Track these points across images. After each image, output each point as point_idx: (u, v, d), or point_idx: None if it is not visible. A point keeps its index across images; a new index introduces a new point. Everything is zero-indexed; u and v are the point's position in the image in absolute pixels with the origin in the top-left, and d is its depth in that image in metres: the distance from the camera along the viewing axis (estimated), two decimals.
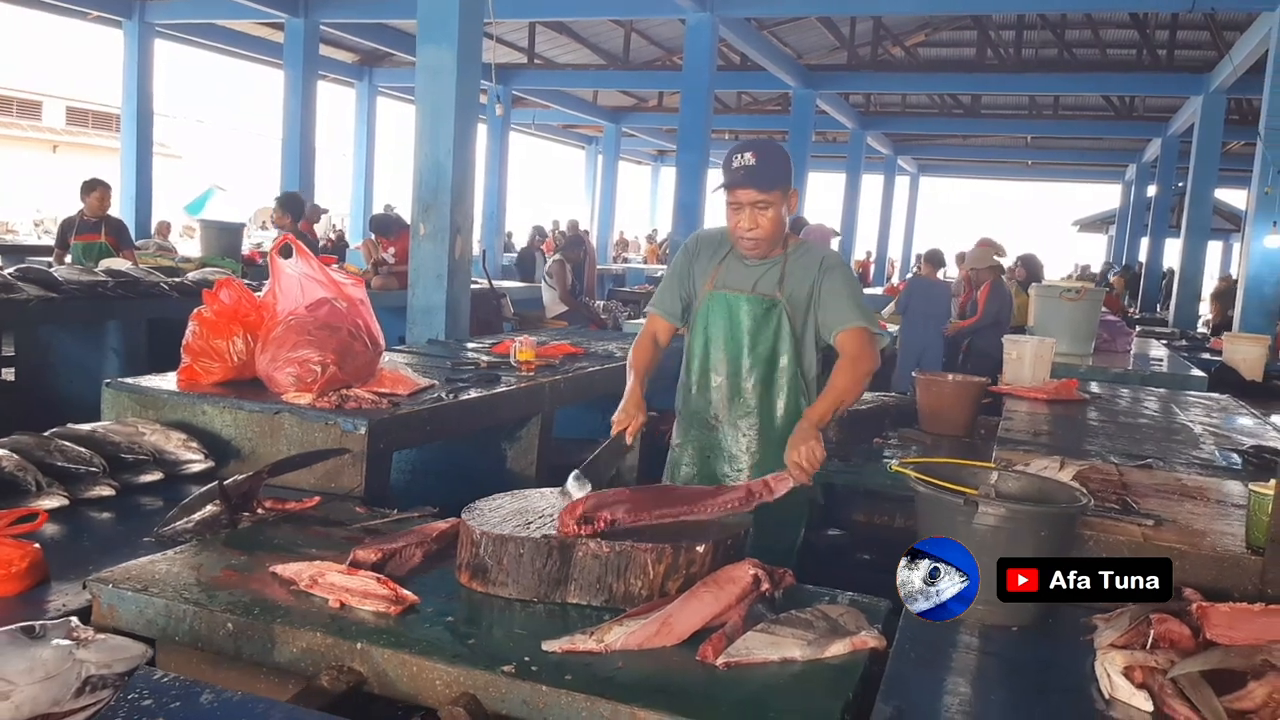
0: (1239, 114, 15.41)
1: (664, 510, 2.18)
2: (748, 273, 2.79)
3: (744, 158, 2.62)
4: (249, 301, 3.36)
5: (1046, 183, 29.79)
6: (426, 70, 6.75)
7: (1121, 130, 19.33)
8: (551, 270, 9.25)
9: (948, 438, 4.42)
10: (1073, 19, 15.45)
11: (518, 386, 3.66)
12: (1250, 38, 10.26)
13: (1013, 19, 15.60)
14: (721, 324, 2.79)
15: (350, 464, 2.86)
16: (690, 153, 10.59)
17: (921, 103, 20.15)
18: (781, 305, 2.74)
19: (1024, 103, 19.29)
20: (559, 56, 16.83)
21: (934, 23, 16.62)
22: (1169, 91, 15.03)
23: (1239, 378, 7.07)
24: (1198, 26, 14.38)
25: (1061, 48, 16.08)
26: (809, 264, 2.76)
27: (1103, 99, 18.35)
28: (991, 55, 16.08)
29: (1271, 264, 9.32)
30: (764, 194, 2.62)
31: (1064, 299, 6.34)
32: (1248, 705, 1.69)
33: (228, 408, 3.04)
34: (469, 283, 7.31)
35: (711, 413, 2.84)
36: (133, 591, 1.94)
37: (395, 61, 16.51)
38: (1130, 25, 15.23)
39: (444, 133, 6.70)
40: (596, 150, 23.51)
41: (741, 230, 2.69)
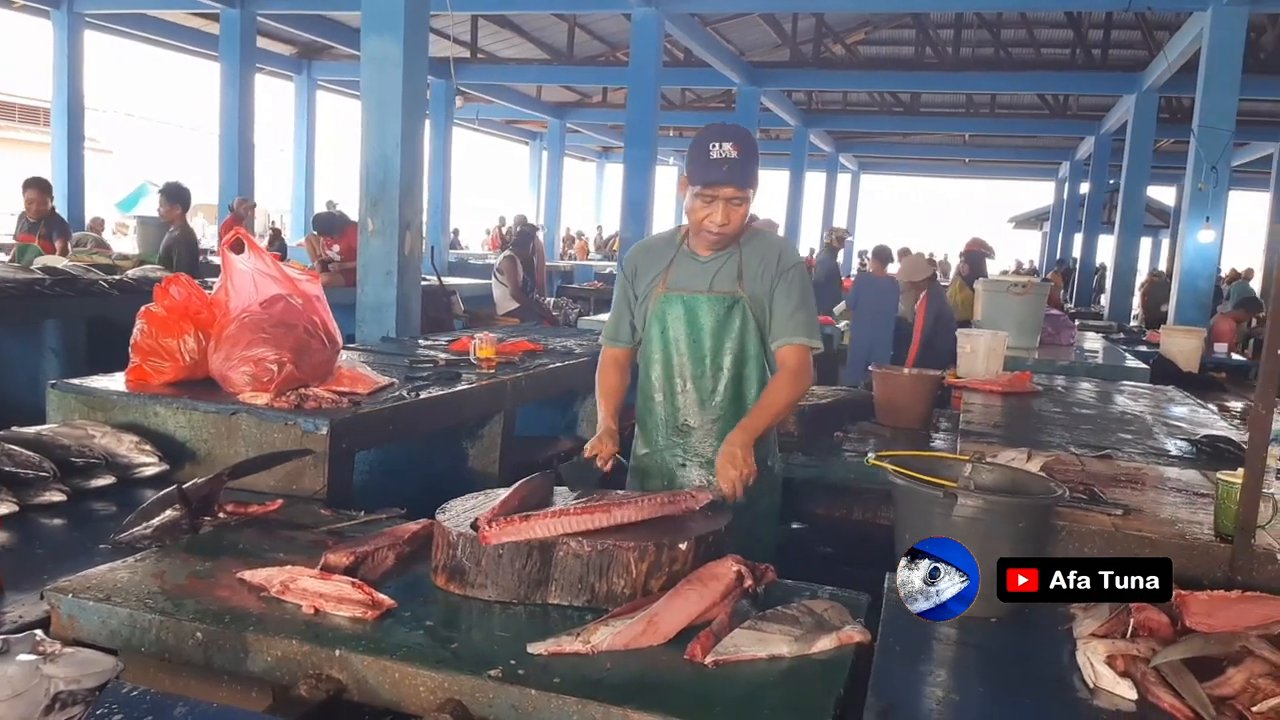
0: (1168, 112, 15.83)
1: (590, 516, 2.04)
2: (702, 269, 2.66)
3: (723, 149, 2.45)
4: (200, 299, 3.25)
5: (983, 180, 30.34)
6: (372, 62, 6.63)
7: (1056, 128, 19.77)
8: (502, 267, 9.15)
9: (905, 430, 4.46)
10: (1008, 18, 15.74)
11: (479, 384, 3.60)
12: (1183, 37, 10.54)
13: (951, 18, 15.85)
14: (682, 326, 2.66)
15: (312, 465, 2.78)
16: (638, 148, 10.56)
17: (862, 101, 20.38)
18: (744, 301, 2.62)
19: (961, 101, 19.62)
20: (502, 51, 16.69)
21: (874, 21, 16.81)
22: (1103, 90, 15.39)
23: (1176, 369, 7.27)
24: (1130, 26, 14.75)
25: (998, 47, 16.38)
26: (766, 257, 2.63)
27: (1038, 98, 18.74)
28: (931, 54, 16.32)
29: (1205, 259, 9.59)
30: (741, 190, 2.50)
31: (1011, 293, 6.45)
32: (1227, 691, 1.72)
33: (181, 408, 2.94)
34: (419, 279, 7.21)
35: (681, 420, 2.70)
36: (94, 601, 1.86)
37: (335, 54, 16.21)
38: (1065, 25, 15.57)
39: (391, 127, 6.59)
40: (541, 146, 23.36)
41: (712, 224, 2.53)
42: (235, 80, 11.89)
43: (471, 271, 14.29)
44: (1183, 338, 7.82)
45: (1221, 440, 3.30)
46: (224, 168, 12.28)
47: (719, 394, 2.68)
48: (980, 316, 6.83)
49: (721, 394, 2.68)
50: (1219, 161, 9.18)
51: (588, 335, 5.59)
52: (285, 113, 17.47)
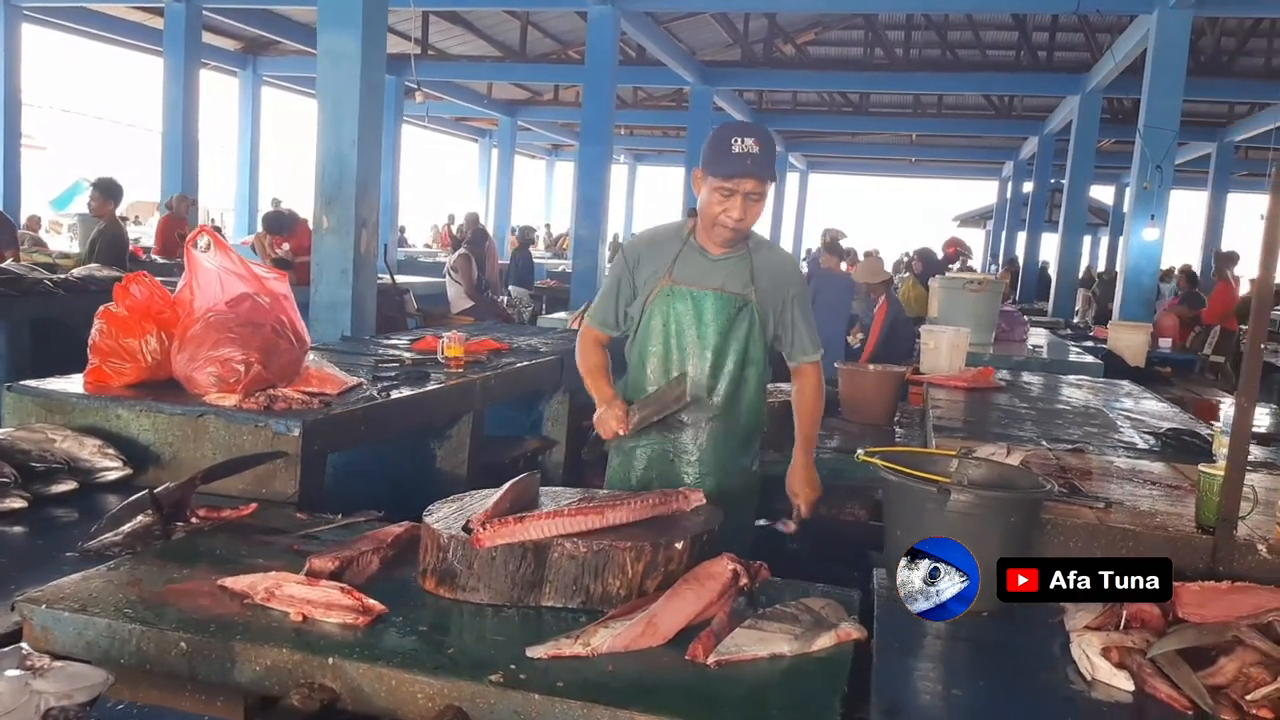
0: (1108, 112, 16.19)
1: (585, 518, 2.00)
2: (712, 267, 2.64)
3: (745, 143, 2.46)
4: (162, 297, 3.15)
5: (929, 179, 30.77)
6: (328, 57, 6.52)
7: (1000, 129, 20.11)
8: (456, 265, 9.07)
9: (870, 426, 4.50)
10: (955, 20, 15.98)
11: (449, 384, 3.54)
12: (1128, 38, 10.77)
13: (901, 19, 16.04)
14: (688, 321, 2.63)
15: (284, 468, 2.70)
16: (593, 146, 10.53)
17: (811, 100, 20.55)
18: (754, 306, 2.64)
19: (909, 101, 19.87)
20: (453, 48, 16.53)
21: (824, 21, 16.96)
22: (1048, 91, 15.68)
23: (1124, 364, 7.43)
24: (1073, 29, 15.07)
25: (945, 48, 16.63)
26: (778, 272, 2.69)
27: (984, 98, 19.05)
28: (881, 55, 16.50)
29: (1149, 256, 9.81)
30: (762, 184, 2.51)
31: (967, 290, 6.53)
32: (1220, 680, 1.74)
33: (145, 411, 2.84)
34: (375, 278, 7.10)
35: (677, 415, 2.66)
36: (70, 612, 1.78)
37: (281, 50, 15.92)
38: (1011, 27, 15.86)
39: (348, 123, 6.48)
40: (490, 144, 23.19)
41: (730, 219, 2.52)
42: (179, 75, 11.63)
43: (421, 270, 14.12)
44: (1129, 333, 7.99)
45: (1186, 433, 3.36)
46: (166, 165, 12.00)
47: (718, 394, 2.66)
48: (937, 313, 6.91)
49: (721, 394, 2.66)
50: (1164, 161, 9.40)
51: (551, 334, 5.54)
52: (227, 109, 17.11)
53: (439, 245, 20.72)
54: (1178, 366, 8.66)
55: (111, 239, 7.24)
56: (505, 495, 2.06)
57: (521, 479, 2.18)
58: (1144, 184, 9.50)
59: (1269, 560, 2.13)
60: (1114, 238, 23.30)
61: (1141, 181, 9.53)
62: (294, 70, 16.69)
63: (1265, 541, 2.15)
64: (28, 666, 1.33)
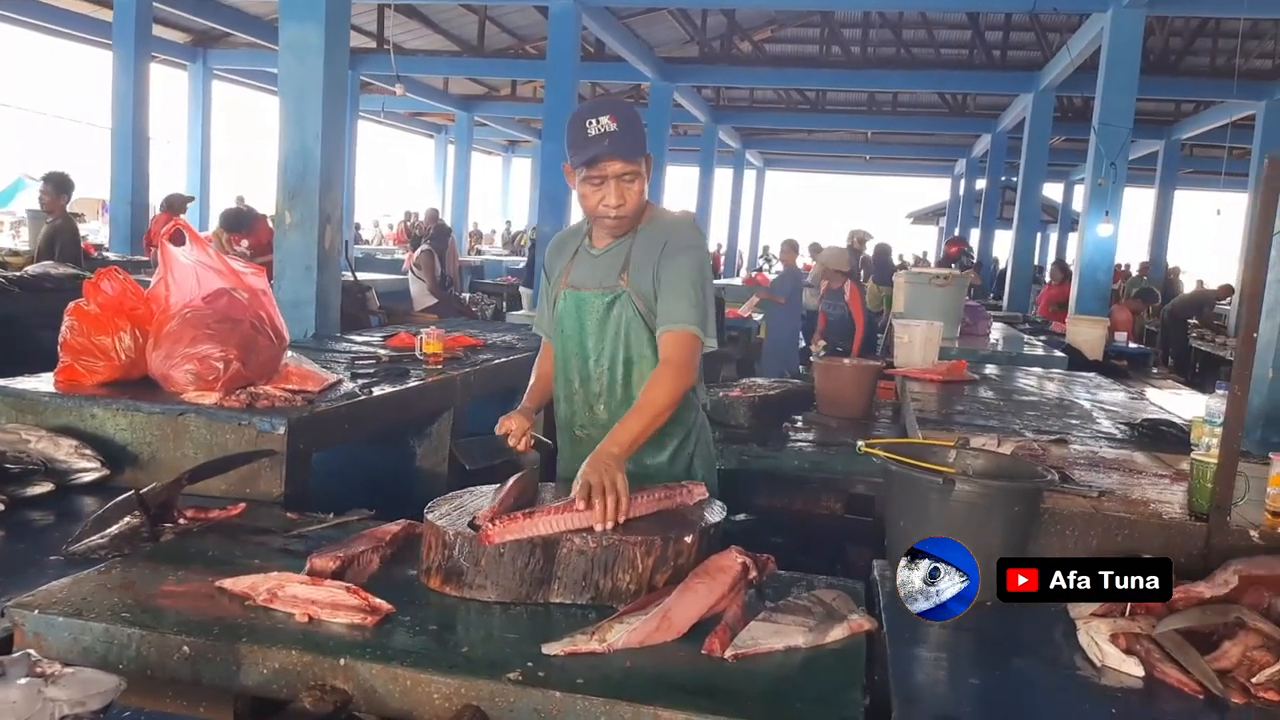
0: (1059, 110, 16.48)
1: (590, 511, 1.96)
2: (594, 264, 2.44)
3: (600, 123, 2.23)
4: (135, 294, 3.07)
5: (883, 176, 31.08)
6: (290, 49, 6.39)
7: (954, 126, 20.36)
8: (419, 261, 8.96)
9: (849, 420, 4.52)
10: (910, 19, 16.15)
11: (430, 380, 3.49)
12: (1082, 37, 10.94)
13: (857, 18, 16.17)
14: (572, 325, 2.45)
15: (268, 467, 2.65)
16: (555, 142, 10.44)
17: (769, 98, 20.65)
18: (625, 294, 2.36)
19: (864, 99, 20.04)
20: (409, 42, 16.34)
21: (781, 19, 17.05)
22: (1002, 89, 15.90)
23: (1083, 357, 7.56)
24: (1025, 28, 15.30)
25: (900, 46, 16.80)
26: (655, 242, 2.36)
27: (938, 97, 19.28)
28: (838, 52, 16.63)
29: (1104, 251, 9.98)
30: (631, 163, 2.26)
31: (933, 285, 6.60)
32: (1225, 664, 1.77)
33: (122, 410, 2.76)
34: (339, 275, 7.00)
35: (577, 425, 2.49)
36: (64, 617, 1.72)
37: (232, 42, 15.61)
38: (965, 26, 16.07)
39: (311, 117, 6.36)
40: (446, 139, 22.98)
41: (608, 208, 2.30)
42: (129, 69, 11.33)
43: (379, 267, 13.97)
44: (1088, 327, 8.13)
45: (1163, 423, 3.42)
46: (116, 161, 11.68)
47: (604, 397, 2.44)
48: (903, 308, 6.97)
49: (608, 398, 2.44)
50: (1118, 158, 9.57)
51: (521, 330, 5.51)
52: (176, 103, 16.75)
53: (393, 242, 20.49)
54: (1133, 359, 8.83)
55: (69, 234, 7.05)
56: (509, 491, 2.03)
57: (522, 475, 2.15)
58: (1099, 181, 9.65)
59: (1261, 546, 2.17)
60: (1063, 234, 23.75)
61: (1096, 178, 9.69)
62: (246, 64, 16.40)
63: (1257, 528, 2.19)
64: (38, 673, 1.28)
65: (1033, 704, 1.66)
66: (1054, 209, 24.37)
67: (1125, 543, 2.24)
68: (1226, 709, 1.64)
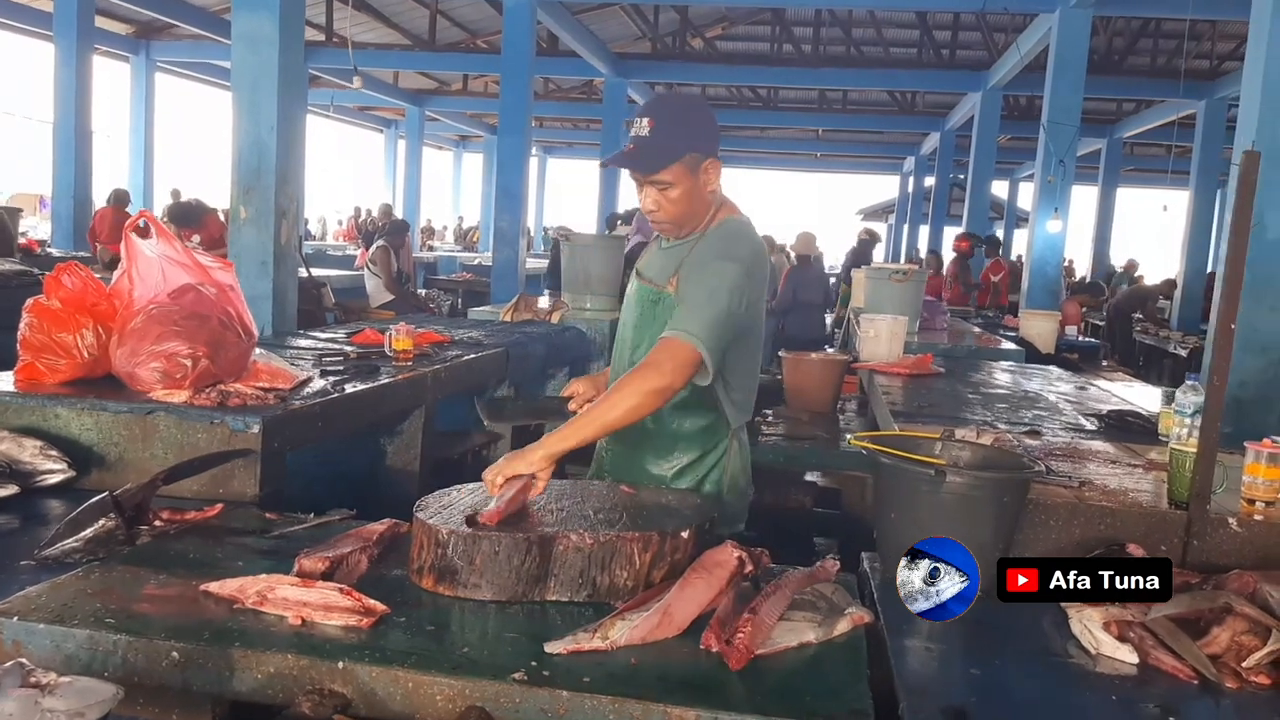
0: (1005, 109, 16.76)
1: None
2: (659, 258, 2.41)
3: (640, 124, 2.19)
4: (97, 289, 2.97)
5: (833, 174, 31.36)
6: (244, 40, 6.25)
7: (903, 124, 20.63)
8: (375, 257, 8.84)
9: (816, 414, 4.54)
10: (859, 17, 16.31)
11: (402, 377, 3.44)
12: (1030, 36, 11.12)
13: (809, 15, 16.29)
14: (629, 313, 2.45)
15: (242, 467, 2.58)
16: (512, 136, 10.38)
17: (721, 95, 20.72)
18: (669, 300, 2.29)
19: (815, 97, 20.20)
20: (359, 35, 16.09)
21: (732, 16, 17.11)
22: (951, 88, 16.12)
23: (1036, 350, 7.69)
24: (974, 28, 15.54)
25: (849, 45, 16.96)
26: (709, 251, 2.26)
27: (887, 95, 19.51)
28: (789, 50, 16.73)
29: (1053, 247, 10.18)
30: (649, 175, 2.20)
31: (893, 280, 6.66)
32: (1215, 650, 1.80)
33: (87, 409, 2.67)
34: (296, 270, 6.88)
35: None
36: (45, 624, 1.66)
37: (177, 34, 15.27)
38: (913, 25, 16.26)
39: (266, 108, 6.23)
40: (396, 134, 22.70)
41: (644, 208, 2.29)
42: (71, 61, 11.03)
43: (330, 263, 13.76)
44: (1040, 321, 8.26)
45: (1129, 415, 3.48)
46: (58, 155, 11.39)
47: None
48: (863, 303, 7.03)
49: None
50: (1066, 155, 9.76)
51: (487, 326, 5.45)
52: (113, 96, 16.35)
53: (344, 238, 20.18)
54: (1084, 352, 9.00)
55: (2, 229, 6.85)
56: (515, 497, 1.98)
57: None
58: (1048, 178, 9.84)
59: (1239, 534, 2.21)
60: (1009, 231, 24.18)
61: (1046, 175, 9.87)
62: (189, 56, 16.04)
63: (1235, 516, 2.24)
64: (33, 684, 1.22)
65: (1036, 693, 1.67)
66: (1000, 206, 24.81)
67: (1108, 532, 2.27)
68: (1221, 694, 1.67)
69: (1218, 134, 13.83)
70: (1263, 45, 5.16)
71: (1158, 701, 1.63)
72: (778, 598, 1.79)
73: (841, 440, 4.19)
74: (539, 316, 5.97)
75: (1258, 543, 2.20)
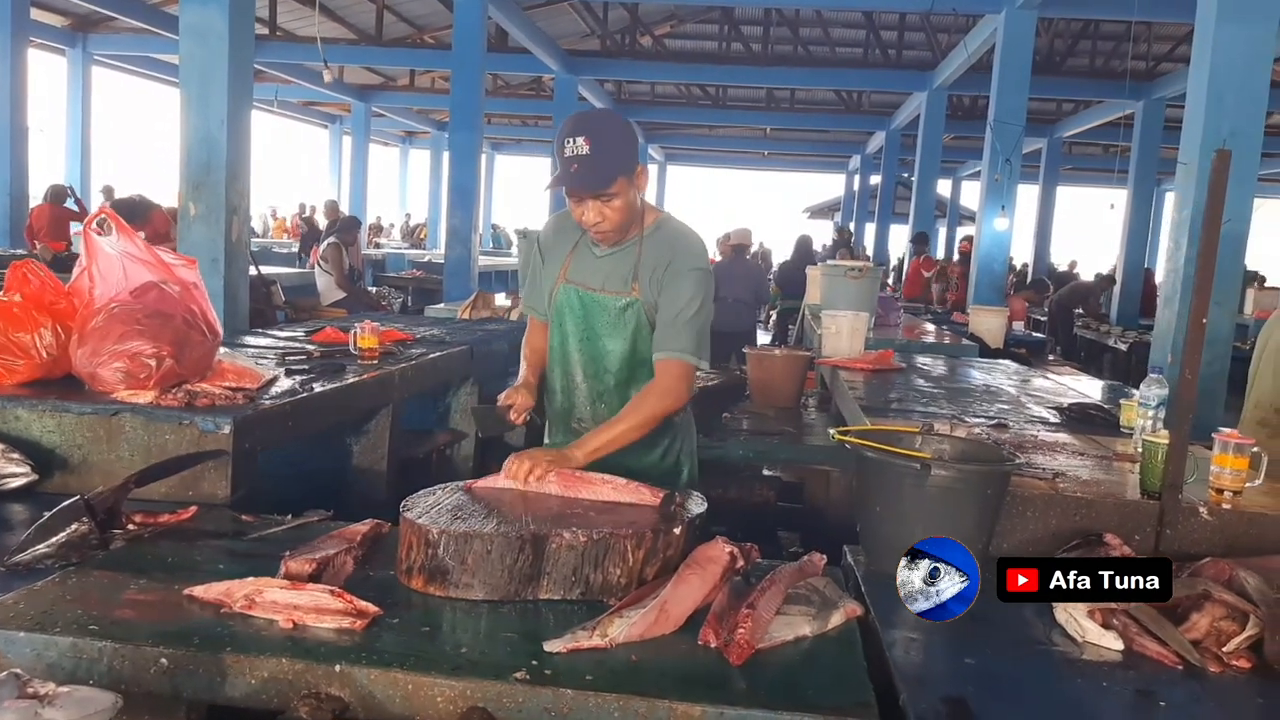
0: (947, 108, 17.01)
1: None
2: (599, 264, 2.47)
3: (575, 144, 2.21)
4: (55, 288, 2.88)
5: (781, 172, 31.59)
6: (192, 32, 6.12)
7: (850, 123, 20.83)
8: (326, 254, 8.70)
9: (782, 409, 4.57)
10: (805, 17, 16.44)
11: (369, 376, 3.38)
12: (976, 36, 11.30)
13: (758, 15, 16.38)
14: (577, 322, 2.49)
15: (213, 469, 2.52)
16: (464, 132, 10.29)
17: (670, 93, 20.76)
18: (638, 305, 2.42)
19: (763, 95, 20.33)
20: (302, 30, 15.84)
21: (680, 14, 17.14)
22: (897, 87, 16.31)
23: (985, 346, 7.83)
24: (917, 28, 15.76)
25: (797, 44, 17.10)
26: (662, 256, 2.41)
27: (834, 94, 19.70)
28: (738, 49, 16.82)
29: (1000, 244, 10.36)
30: (599, 193, 2.28)
31: (849, 277, 6.72)
32: (1195, 635, 1.84)
33: (49, 411, 2.59)
34: (247, 268, 6.75)
35: (576, 416, 2.54)
36: (25, 631, 1.61)
37: (115, 26, 14.86)
38: (860, 25, 16.45)
39: (216, 102, 6.12)
40: (341, 130, 22.37)
41: (587, 224, 2.36)
42: (6, 54, 10.66)
43: (277, 260, 13.53)
44: (990, 317, 8.40)
45: (1090, 408, 3.55)
46: None
47: (607, 396, 2.51)
48: (819, 299, 7.10)
49: (611, 396, 2.50)
50: (1012, 154, 9.94)
51: (447, 324, 5.40)
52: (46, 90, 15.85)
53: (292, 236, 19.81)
54: (1031, 347, 9.18)
55: None
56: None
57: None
58: (995, 176, 10.02)
59: (1210, 522, 2.27)
60: (951, 228, 24.60)
61: (992, 174, 10.05)
62: (128, 49, 15.64)
63: (1205, 505, 2.29)
64: (30, 694, 1.18)
65: (1029, 681, 1.69)
66: (943, 204, 25.21)
67: (1083, 522, 2.31)
68: (1205, 677, 1.71)
69: (1155, 133, 14.19)
70: (1208, 46, 5.31)
71: (1146, 686, 1.67)
72: (773, 592, 1.79)
73: (806, 435, 4.23)
74: (498, 314, 5.92)
75: (1227, 531, 2.26)
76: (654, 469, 2.50)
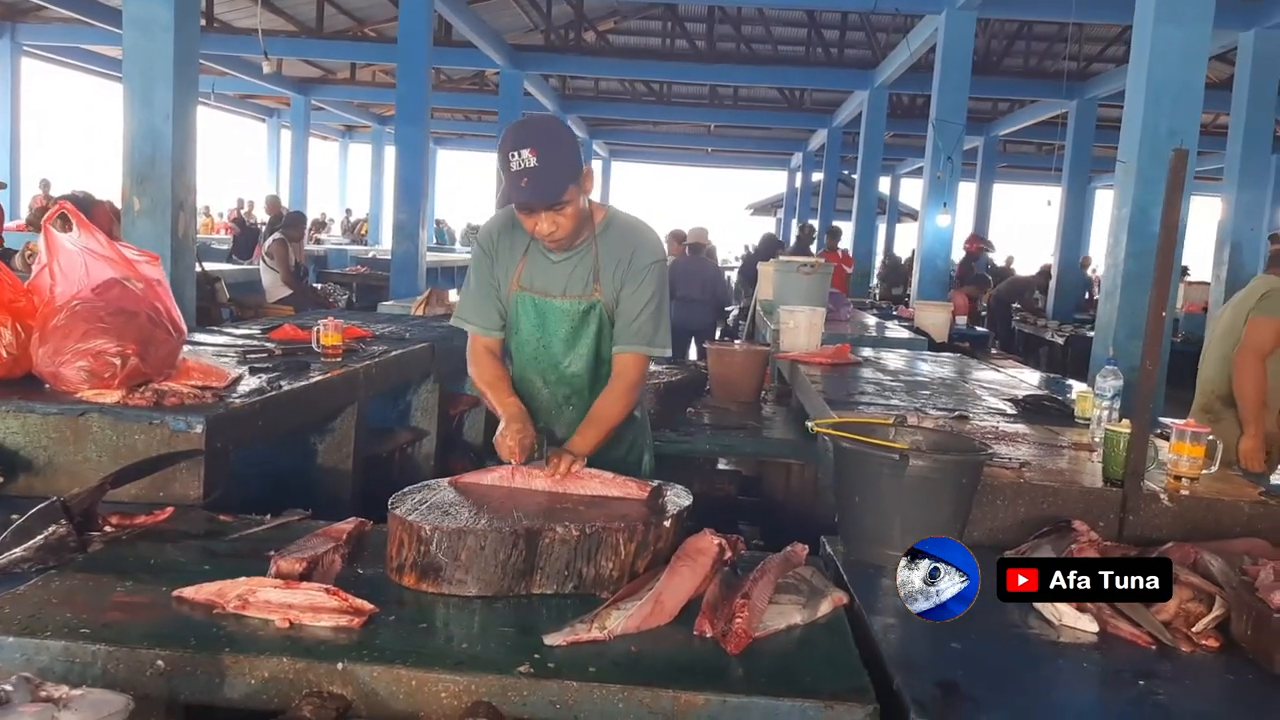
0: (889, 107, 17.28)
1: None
2: (554, 270, 2.45)
3: (521, 157, 2.16)
4: (14, 285, 2.81)
5: (725, 169, 31.77)
6: (136, 24, 6.01)
7: (792, 121, 21.05)
8: (272, 250, 8.56)
9: (743, 403, 4.63)
10: (747, 15, 16.58)
11: (335, 373, 3.35)
12: (918, 35, 11.51)
13: (702, 12, 16.47)
14: (534, 330, 2.49)
15: (185, 469, 2.48)
16: (410, 126, 10.18)
17: (614, 89, 20.77)
18: (599, 306, 2.44)
19: (706, 92, 20.44)
20: (239, 21, 15.52)
21: (623, 10, 17.16)
22: (839, 86, 16.53)
23: (930, 340, 7.99)
24: (858, 28, 15.99)
25: (740, 42, 17.23)
26: (621, 254, 2.43)
27: (777, 92, 19.88)
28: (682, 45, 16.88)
29: (942, 240, 10.58)
30: (551, 204, 2.26)
31: (801, 273, 6.81)
32: (1165, 617, 1.92)
33: (12, 411, 2.52)
34: (194, 264, 6.62)
35: (540, 423, 2.48)
36: (14, 636, 1.58)
37: (45, 16, 14.39)
38: (802, 24, 16.63)
39: (161, 96, 6.02)
40: (279, 123, 21.96)
41: (541, 234, 2.33)
42: None
43: (218, 257, 13.27)
44: (934, 312, 8.57)
45: (1045, 399, 3.66)
46: None
47: (574, 399, 2.54)
48: (771, 294, 7.17)
49: (578, 399, 2.53)
50: (954, 152, 10.14)
51: (401, 321, 5.35)
52: None
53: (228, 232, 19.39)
54: (974, 341, 9.39)
55: None
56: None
57: None
58: (937, 174, 10.21)
59: (1170, 508, 2.36)
60: (890, 225, 25.00)
61: (935, 172, 10.24)
62: (59, 40, 15.17)
63: (1166, 492, 2.39)
64: (43, 697, 1.16)
65: (1014, 663, 1.75)
66: (883, 201, 25.59)
67: (1050, 510, 2.39)
68: (1177, 656, 1.79)
69: (1088, 132, 14.58)
70: (1146, 47, 5.49)
71: (1124, 666, 1.74)
72: (765, 582, 1.83)
73: (766, 429, 4.28)
74: (451, 310, 5.87)
75: (1186, 516, 2.36)
76: (620, 463, 2.49)
